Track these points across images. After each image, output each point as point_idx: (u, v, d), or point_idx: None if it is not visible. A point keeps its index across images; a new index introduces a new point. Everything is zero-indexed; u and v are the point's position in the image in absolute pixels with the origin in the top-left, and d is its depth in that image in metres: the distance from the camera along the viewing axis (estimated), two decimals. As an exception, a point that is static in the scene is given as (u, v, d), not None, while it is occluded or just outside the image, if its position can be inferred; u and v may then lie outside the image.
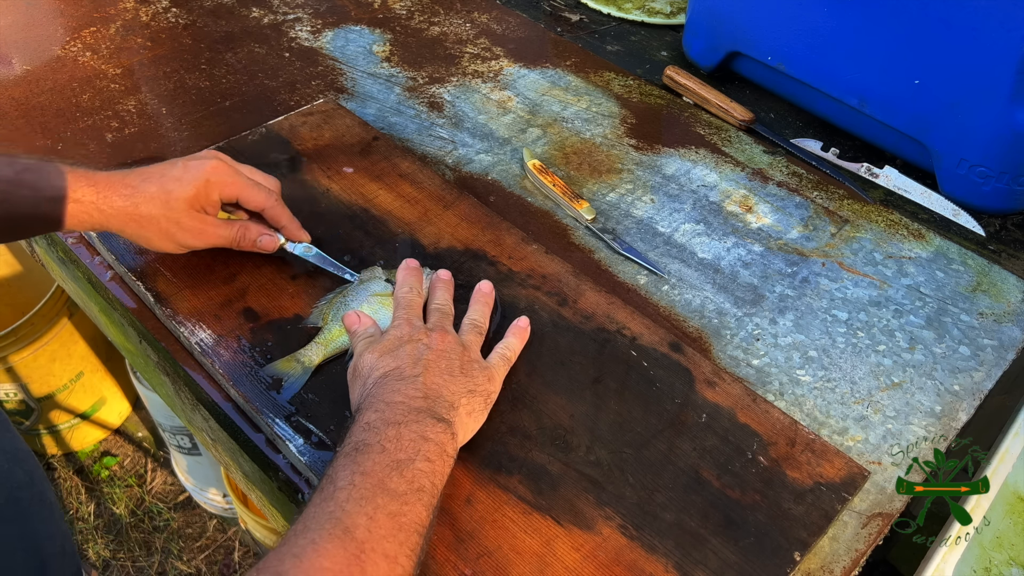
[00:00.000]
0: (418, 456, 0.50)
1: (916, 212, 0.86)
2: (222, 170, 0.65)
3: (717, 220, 0.83)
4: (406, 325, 0.61)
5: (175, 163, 0.65)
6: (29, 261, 1.66)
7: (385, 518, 0.46)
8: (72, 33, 1.05)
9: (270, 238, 0.68)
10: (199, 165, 0.65)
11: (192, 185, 0.63)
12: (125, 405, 1.79)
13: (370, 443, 0.50)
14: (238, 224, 0.67)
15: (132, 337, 0.73)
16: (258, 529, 1.35)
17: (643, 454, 0.58)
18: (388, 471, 0.48)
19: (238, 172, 0.66)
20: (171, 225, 0.64)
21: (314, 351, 0.63)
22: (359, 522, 0.45)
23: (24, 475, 0.60)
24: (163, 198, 0.63)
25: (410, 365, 0.56)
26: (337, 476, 0.48)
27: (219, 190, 0.65)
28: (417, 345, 0.58)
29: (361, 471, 0.48)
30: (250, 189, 0.66)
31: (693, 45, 1.05)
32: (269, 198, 0.67)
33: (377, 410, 0.52)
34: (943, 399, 0.67)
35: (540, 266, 0.72)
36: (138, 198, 0.62)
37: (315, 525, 0.45)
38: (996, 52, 0.75)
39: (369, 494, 0.47)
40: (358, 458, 0.49)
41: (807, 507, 0.56)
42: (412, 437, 0.51)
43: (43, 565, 0.62)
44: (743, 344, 0.70)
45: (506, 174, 0.87)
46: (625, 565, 0.52)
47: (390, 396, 0.54)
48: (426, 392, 0.54)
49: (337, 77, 1.00)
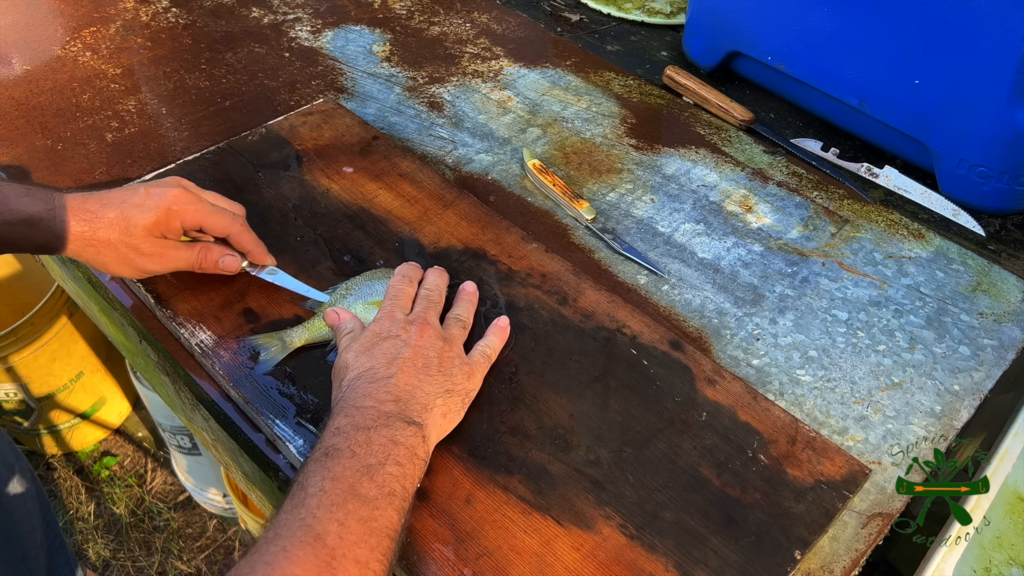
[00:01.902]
0: (388, 460, 0.50)
1: (916, 212, 0.86)
2: (185, 198, 0.64)
3: (717, 220, 0.83)
4: (387, 319, 0.61)
5: (136, 189, 0.64)
6: (29, 261, 1.66)
7: (356, 523, 0.46)
8: (72, 33, 1.05)
9: (232, 259, 0.67)
10: (161, 193, 0.63)
11: (153, 212, 0.62)
12: (125, 405, 1.79)
13: (340, 448, 0.50)
14: (199, 246, 0.66)
15: (132, 337, 0.73)
16: (258, 529, 1.35)
17: (643, 453, 0.58)
18: (358, 476, 0.48)
19: (200, 200, 0.65)
20: (129, 251, 0.63)
21: (297, 333, 0.63)
22: (330, 528, 0.45)
23: (5, 469, 0.60)
24: (122, 224, 0.62)
25: (384, 365, 0.56)
26: (308, 482, 0.48)
27: (181, 218, 0.64)
28: (395, 342, 0.58)
29: (331, 476, 0.48)
30: (214, 216, 0.65)
31: (693, 45, 1.05)
32: (233, 223, 0.66)
33: (347, 415, 0.52)
34: (943, 399, 0.67)
35: (540, 265, 0.72)
36: (96, 223, 0.62)
37: (286, 532, 0.45)
38: (996, 52, 0.75)
39: (340, 499, 0.47)
40: (328, 463, 0.49)
41: (808, 505, 0.56)
42: (382, 441, 0.50)
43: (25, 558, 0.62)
44: (743, 344, 0.70)
45: (506, 174, 0.87)
46: (625, 564, 0.52)
47: (360, 400, 0.53)
48: (397, 395, 0.54)
49: (337, 77, 1.00)
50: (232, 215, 0.67)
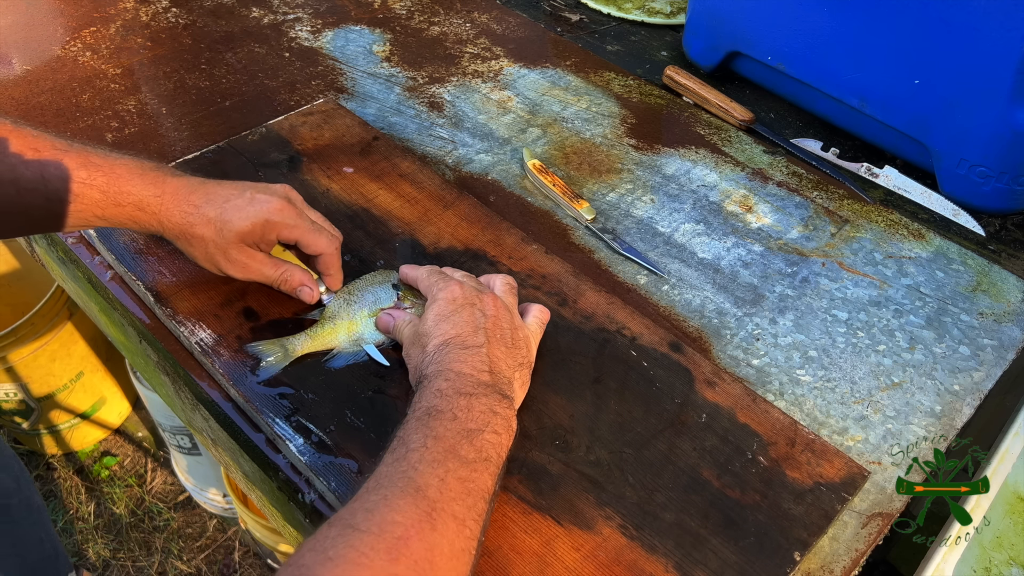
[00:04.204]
0: (487, 428, 0.51)
1: (916, 212, 0.86)
2: (287, 211, 0.64)
3: (717, 220, 0.83)
4: (456, 285, 0.60)
5: (244, 190, 0.64)
6: (29, 261, 1.66)
7: (456, 482, 0.47)
8: (72, 33, 1.05)
9: (310, 291, 0.66)
10: (265, 201, 0.63)
11: (250, 221, 0.62)
12: (125, 405, 1.79)
13: (442, 409, 0.50)
14: (283, 268, 0.65)
15: (132, 337, 0.73)
16: (258, 529, 1.35)
17: (643, 454, 0.58)
18: (459, 438, 0.49)
19: (302, 216, 0.65)
20: (218, 252, 0.63)
21: (300, 341, 0.63)
22: (431, 482, 0.46)
23: (11, 481, 0.60)
24: (218, 225, 0.62)
25: (470, 333, 0.57)
26: (409, 438, 0.49)
27: (278, 231, 0.64)
28: (473, 311, 0.58)
29: (433, 435, 0.49)
30: (312, 234, 0.64)
31: (693, 45, 1.05)
32: (330, 244, 0.65)
33: (447, 378, 0.53)
34: (943, 399, 0.67)
35: (540, 266, 0.72)
36: (195, 218, 0.62)
37: (387, 482, 0.46)
38: (996, 52, 0.75)
39: (441, 457, 0.47)
40: (430, 423, 0.50)
41: (807, 507, 0.56)
42: (482, 409, 0.51)
43: (32, 571, 0.62)
44: (743, 344, 0.70)
45: (506, 174, 0.87)
46: (625, 565, 0.52)
47: (458, 366, 0.54)
48: (491, 366, 0.55)
49: (337, 77, 1.00)
50: (331, 236, 0.66)
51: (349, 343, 0.64)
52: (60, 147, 0.61)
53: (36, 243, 0.87)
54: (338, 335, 0.64)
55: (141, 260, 0.70)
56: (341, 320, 0.65)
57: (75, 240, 0.77)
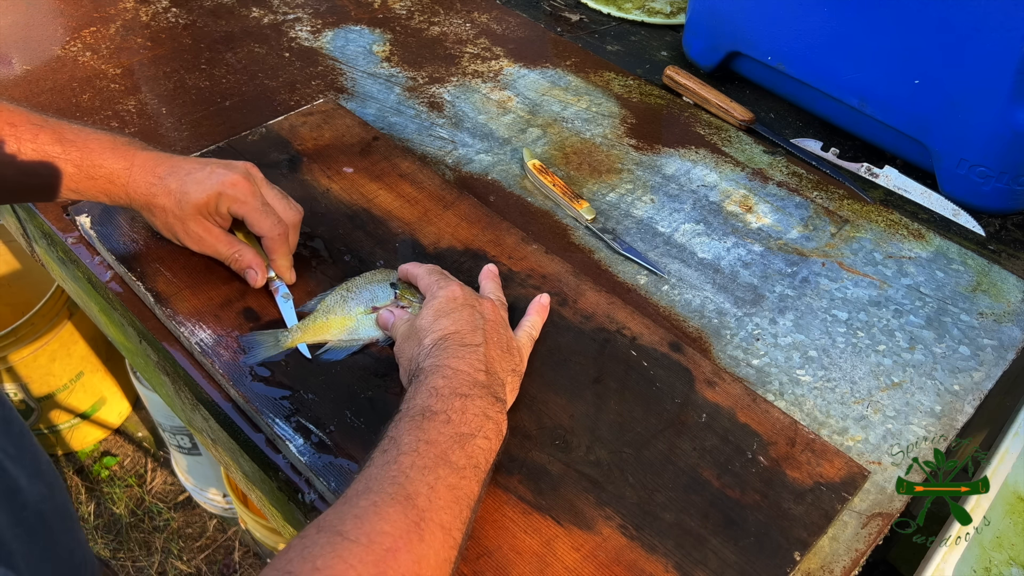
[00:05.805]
0: (479, 433, 0.50)
1: (916, 212, 0.86)
2: (241, 187, 0.64)
3: (717, 220, 0.83)
4: (457, 286, 0.61)
5: (207, 164, 0.65)
6: (29, 261, 1.66)
7: (445, 489, 0.47)
8: (72, 33, 1.05)
9: (255, 274, 0.67)
10: (221, 175, 0.64)
11: (205, 193, 0.64)
12: (125, 405, 1.79)
13: (436, 411, 0.50)
14: (236, 247, 0.67)
15: (132, 337, 0.73)
16: (258, 529, 1.35)
17: (643, 454, 0.58)
18: (451, 443, 0.49)
19: (255, 193, 0.65)
20: (176, 222, 0.65)
21: (294, 334, 0.64)
22: (421, 490, 0.46)
23: (44, 488, 0.60)
24: (178, 196, 0.64)
25: (469, 331, 0.57)
26: (401, 440, 0.48)
27: (229, 204, 0.64)
28: (472, 311, 0.58)
29: (426, 439, 0.48)
30: (257, 213, 0.65)
31: (693, 45, 1.05)
32: (273, 229, 0.65)
33: (444, 375, 0.53)
34: (943, 399, 0.67)
35: (540, 266, 0.72)
36: (158, 189, 0.64)
37: (377, 487, 0.45)
38: (996, 52, 0.75)
39: (432, 463, 0.47)
40: (424, 424, 0.49)
41: (807, 507, 0.56)
42: (476, 412, 0.51)
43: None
44: (743, 344, 0.70)
45: (506, 174, 0.87)
46: (625, 565, 0.52)
47: (455, 362, 0.54)
48: (487, 367, 0.55)
49: (337, 77, 1.00)
50: (277, 221, 0.66)
51: (342, 338, 0.65)
52: (36, 121, 0.63)
53: (36, 243, 0.86)
54: (331, 329, 0.65)
55: (141, 260, 0.70)
56: (335, 315, 0.65)
57: (75, 240, 0.77)
